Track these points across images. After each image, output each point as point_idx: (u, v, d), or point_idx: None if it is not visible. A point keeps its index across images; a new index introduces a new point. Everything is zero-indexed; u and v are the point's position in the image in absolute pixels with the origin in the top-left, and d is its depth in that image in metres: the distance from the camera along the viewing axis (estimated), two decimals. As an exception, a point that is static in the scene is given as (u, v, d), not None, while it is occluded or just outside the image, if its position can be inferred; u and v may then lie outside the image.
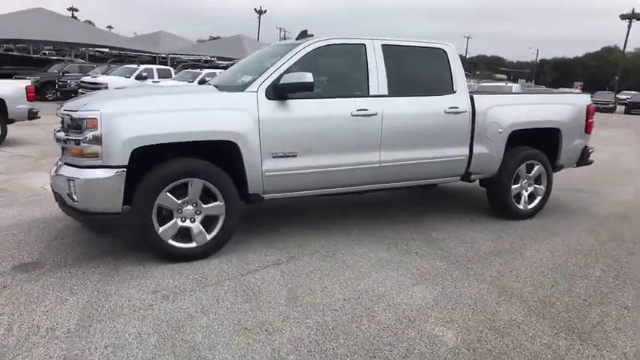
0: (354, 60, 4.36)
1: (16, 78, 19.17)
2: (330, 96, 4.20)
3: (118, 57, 37.43)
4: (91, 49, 36.39)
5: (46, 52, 36.45)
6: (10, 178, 6.22)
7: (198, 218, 3.74)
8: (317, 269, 3.68)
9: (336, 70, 4.50)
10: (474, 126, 4.77)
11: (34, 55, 30.68)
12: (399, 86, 4.44)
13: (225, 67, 33.86)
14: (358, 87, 4.34)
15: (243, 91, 3.86)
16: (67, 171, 3.45)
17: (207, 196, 3.74)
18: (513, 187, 5.16)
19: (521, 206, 5.24)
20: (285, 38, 78.23)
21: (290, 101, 3.93)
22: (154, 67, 19.56)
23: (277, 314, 2.94)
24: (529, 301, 3.26)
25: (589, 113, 5.51)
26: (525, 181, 5.26)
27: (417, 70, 4.74)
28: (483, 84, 20.45)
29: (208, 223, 3.78)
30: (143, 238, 3.58)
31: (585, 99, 5.59)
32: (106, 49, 37.39)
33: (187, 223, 3.70)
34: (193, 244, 3.72)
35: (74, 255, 3.75)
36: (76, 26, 27.24)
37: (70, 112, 3.47)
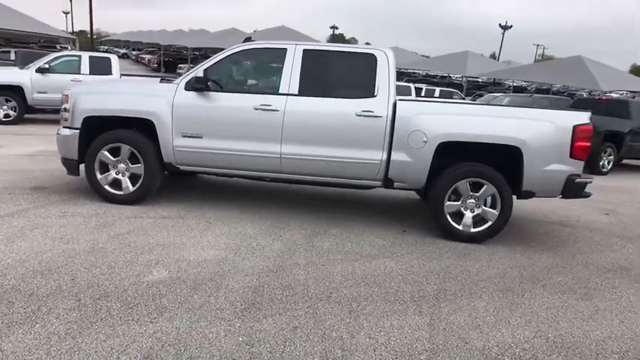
0: (274, 62, 5.01)
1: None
2: (242, 91, 5.00)
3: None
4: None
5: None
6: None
7: (127, 174, 5.11)
8: (180, 225, 4.61)
9: (255, 70, 5.23)
10: (393, 132, 4.76)
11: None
12: (312, 87, 4.88)
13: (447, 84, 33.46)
14: (271, 85, 4.99)
15: (171, 83, 5.05)
16: (59, 130, 5.28)
17: (135, 159, 5.07)
18: (450, 203, 4.84)
19: (460, 227, 4.84)
20: (542, 55, 72.33)
21: (208, 93, 4.92)
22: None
23: (94, 237, 4.08)
24: (243, 285, 3.52)
25: (578, 135, 4.63)
26: (471, 200, 4.83)
27: (336, 73, 5.02)
28: None
29: (135, 179, 5.11)
30: (89, 181, 5.15)
31: (574, 117, 4.69)
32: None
33: (120, 177, 5.11)
34: (121, 192, 5.12)
35: (70, 188, 5.60)
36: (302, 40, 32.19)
37: (63, 91, 5.30)
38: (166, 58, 41.61)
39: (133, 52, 51.12)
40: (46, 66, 10.73)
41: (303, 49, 4.93)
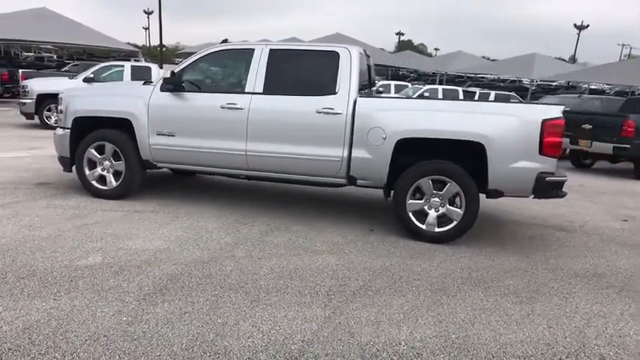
0: (242, 62, 5.15)
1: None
2: (212, 91, 5.20)
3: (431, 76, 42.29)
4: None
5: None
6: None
7: (111, 171, 5.48)
8: (146, 219, 4.86)
9: (225, 71, 5.39)
10: (353, 129, 4.72)
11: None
12: (276, 85, 4.97)
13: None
14: (238, 85, 5.14)
15: (151, 84, 5.37)
16: (55, 130, 5.77)
17: (118, 156, 5.42)
18: (412, 202, 4.71)
19: (424, 226, 4.69)
20: (628, 56, 66.72)
21: (181, 93, 5.17)
22: (440, 87, 18.92)
23: (60, 226, 4.43)
24: (183, 267, 3.64)
25: (547, 130, 4.33)
26: (435, 199, 4.67)
27: (301, 71, 5.06)
28: None
29: (118, 175, 5.47)
30: (78, 177, 5.58)
31: (543, 112, 4.38)
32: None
33: (105, 173, 5.50)
34: (106, 188, 5.50)
35: (70, 184, 6.06)
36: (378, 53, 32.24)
37: (59, 94, 5.79)
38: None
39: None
40: (91, 75, 11.69)
41: (270, 49, 5.03)
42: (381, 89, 20.38)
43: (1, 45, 35.43)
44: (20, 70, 14.76)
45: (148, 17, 59.38)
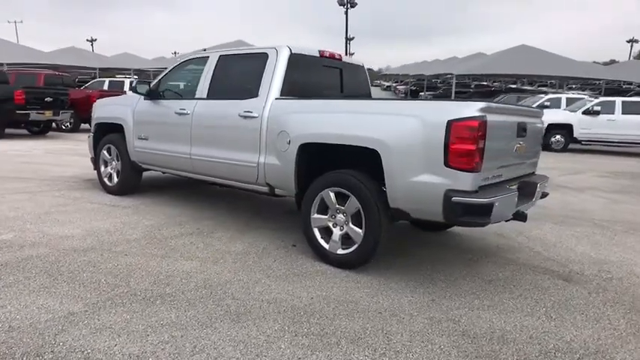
0: (199, 70, 5.34)
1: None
2: (175, 98, 5.53)
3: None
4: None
5: (545, 83, 38.98)
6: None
7: (115, 170, 6.29)
8: (109, 212, 5.42)
9: (188, 79, 5.60)
10: (267, 133, 4.46)
11: (513, 86, 34.01)
12: (217, 90, 5.04)
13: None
14: (193, 91, 5.34)
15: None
16: (89, 134, 6.86)
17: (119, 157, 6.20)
18: (317, 216, 4.16)
19: (327, 246, 4.10)
20: None
21: (156, 101, 5.67)
22: (564, 95, 18.81)
23: (35, 210, 5.31)
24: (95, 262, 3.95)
25: (453, 134, 3.34)
26: (341, 215, 4.05)
27: (237, 75, 4.93)
28: None
29: (118, 174, 6.25)
30: (97, 175, 6.54)
31: (450, 110, 3.36)
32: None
33: (112, 172, 6.34)
34: (110, 184, 6.33)
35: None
36: (539, 57, 28.07)
37: (95, 104, 6.89)
38: (413, 87, 43.73)
39: (394, 84, 55.24)
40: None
41: (219, 55, 5.11)
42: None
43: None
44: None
45: (347, 43, 63.80)
